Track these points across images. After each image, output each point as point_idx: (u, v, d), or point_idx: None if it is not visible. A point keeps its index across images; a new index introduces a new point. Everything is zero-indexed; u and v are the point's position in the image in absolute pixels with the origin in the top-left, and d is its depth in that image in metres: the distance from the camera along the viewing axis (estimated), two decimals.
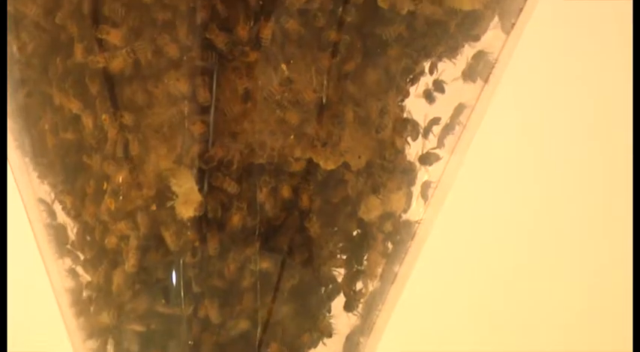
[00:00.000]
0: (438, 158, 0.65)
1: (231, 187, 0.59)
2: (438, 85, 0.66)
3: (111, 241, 0.61)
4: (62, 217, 0.64)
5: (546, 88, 1.11)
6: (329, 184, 0.61)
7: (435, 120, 0.64)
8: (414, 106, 0.65)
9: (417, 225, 0.67)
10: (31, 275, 0.71)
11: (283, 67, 0.59)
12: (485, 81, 0.65)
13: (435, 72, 0.65)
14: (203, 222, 0.60)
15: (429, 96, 0.65)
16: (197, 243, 0.60)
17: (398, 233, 0.65)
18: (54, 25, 0.59)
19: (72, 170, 0.62)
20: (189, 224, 0.60)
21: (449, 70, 0.65)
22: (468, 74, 0.64)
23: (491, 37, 0.65)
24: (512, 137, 1.13)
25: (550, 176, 1.19)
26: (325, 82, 0.60)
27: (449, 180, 0.68)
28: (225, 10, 0.57)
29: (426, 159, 0.66)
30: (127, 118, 0.59)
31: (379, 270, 0.65)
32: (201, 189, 0.59)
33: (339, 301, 0.65)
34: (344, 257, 0.64)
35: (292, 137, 0.60)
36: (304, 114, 0.60)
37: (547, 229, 1.20)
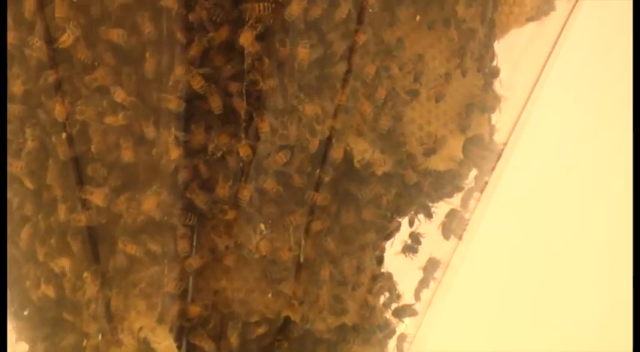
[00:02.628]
0: (414, 313, 0.66)
1: (209, 345, 0.60)
2: (415, 238, 0.67)
3: None
4: None
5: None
6: (305, 342, 0.62)
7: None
8: (390, 261, 0.67)
9: None
10: None
11: (262, 226, 0.60)
12: (459, 238, 0.66)
13: (417, 221, 0.66)
14: None
15: (409, 250, 0.67)
16: None
17: None
18: (37, 184, 0.61)
19: (51, 326, 0.62)
20: None
21: (424, 223, 0.67)
22: (442, 232, 0.66)
23: (465, 195, 0.66)
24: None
25: (550, 175, 1.19)
26: (302, 241, 0.61)
27: (425, 333, 0.69)
28: (206, 171, 0.59)
29: (401, 312, 0.67)
30: (108, 276, 0.60)
31: None
32: (179, 347, 0.60)
33: None
34: None
35: (270, 295, 0.61)
36: (282, 272, 0.61)
37: (547, 229, 1.20)
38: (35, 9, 0.58)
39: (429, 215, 0.65)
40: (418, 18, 0.61)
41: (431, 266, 0.67)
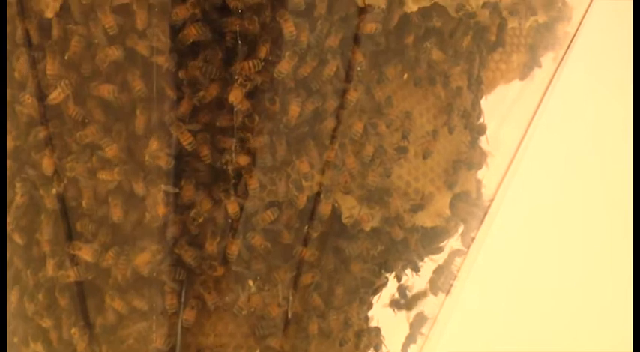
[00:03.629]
0: None
1: None
2: (403, 292, 0.67)
3: None
4: None
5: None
6: None
7: None
8: (377, 314, 0.67)
9: None
10: None
11: (250, 282, 0.60)
12: (447, 293, 0.67)
13: (405, 276, 0.66)
14: None
15: (396, 305, 0.67)
16: None
17: None
18: (26, 240, 0.61)
19: None
20: None
21: (411, 277, 0.67)
22: (430, 288, 0.66)
23: (452, 250, 0.67)
24: None
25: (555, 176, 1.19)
26: (290, 296, 0.61)
27: None
28: (195, 227, 0.59)
29: None
30: (97, 332, 0.60)
31: None
32: None
33: None
34: None
35: (258, 351, 0.61)
36: (270, 328, 0.61)
37: (548, 228, 1.19)
38: (27, 67, 0.58)
39: (416, 269, 0.65)
40: (406, 76, 0.62)
41: (418, 322, 0.67)
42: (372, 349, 0.66)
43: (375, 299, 0.67)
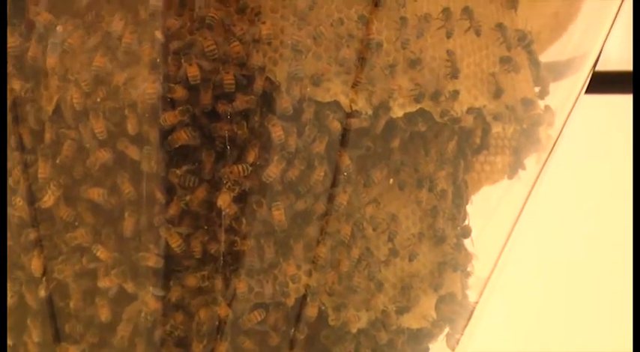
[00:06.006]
0: None
1: None
2: None
3: None
4: None
5: None
6: None
7: None
8: None
9: None
10: None
11: None
12: None
13: None
14: None
15: None
16: None
17: None
18: (14, 341, 0.61)
19: None
20: None
21: None
22: None
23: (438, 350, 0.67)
24: None
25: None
26: None
27: None
28: (182, 330, 0.60)
29: None
30: None
31: None
32: None
33: None
34: None
35: None
36: None
37: (549, 229, 1.18)
38: (20, 173, 0.59)
39: None
40: (391, 180, 0.63)
41: None
42: None
43: None
